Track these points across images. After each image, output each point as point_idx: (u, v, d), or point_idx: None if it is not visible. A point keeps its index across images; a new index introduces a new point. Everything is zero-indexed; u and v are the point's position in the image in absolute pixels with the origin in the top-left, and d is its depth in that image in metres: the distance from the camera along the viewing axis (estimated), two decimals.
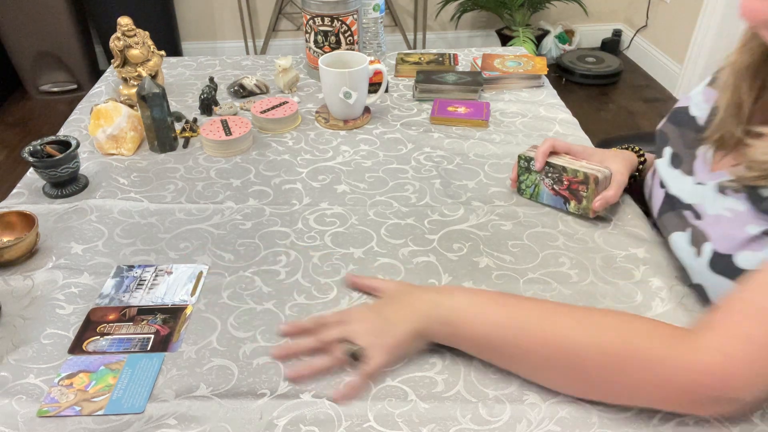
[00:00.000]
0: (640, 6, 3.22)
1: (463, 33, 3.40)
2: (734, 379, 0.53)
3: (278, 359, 0.67)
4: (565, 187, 0.84)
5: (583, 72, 3.06)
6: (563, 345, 0.58)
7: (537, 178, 0.86)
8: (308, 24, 1.24)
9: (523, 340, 0.60)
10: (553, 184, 0.85)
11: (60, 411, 0.62)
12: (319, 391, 0.64)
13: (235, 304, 0.75)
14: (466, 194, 0.94)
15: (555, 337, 0.59)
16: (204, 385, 0.64)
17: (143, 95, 1.00)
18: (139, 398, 0.63)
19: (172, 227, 0.88)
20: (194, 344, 0.69)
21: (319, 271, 0.80)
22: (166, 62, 1.40)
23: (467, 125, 1.13)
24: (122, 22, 1.13)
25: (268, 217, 0.90)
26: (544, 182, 0.85)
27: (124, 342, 0.70)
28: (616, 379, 0.57)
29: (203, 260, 0.82)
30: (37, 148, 0.94)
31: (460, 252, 0.83)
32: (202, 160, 1.04)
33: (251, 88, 1.24)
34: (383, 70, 1.15)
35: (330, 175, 0.99)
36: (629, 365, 0.56)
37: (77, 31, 2.84)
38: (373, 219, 0.89)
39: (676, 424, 0.60)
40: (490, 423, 0.60)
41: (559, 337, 0.59)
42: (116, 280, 0.78)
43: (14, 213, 0.84)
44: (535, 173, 0.86)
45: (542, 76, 1.28)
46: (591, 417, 0.61)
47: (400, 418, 0.61)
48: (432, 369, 0.66)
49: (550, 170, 0.84)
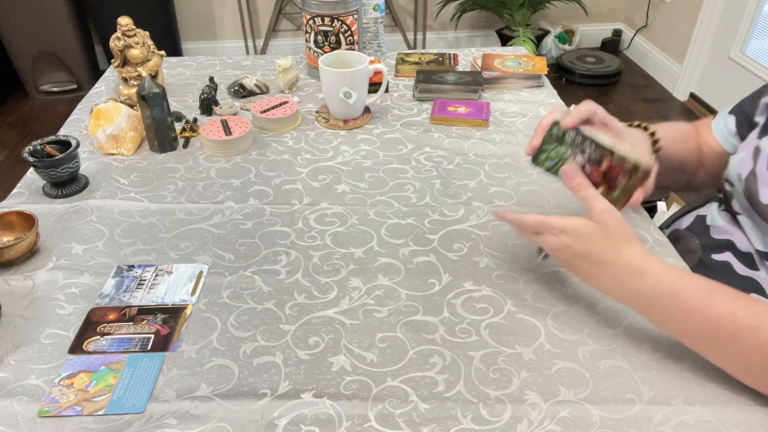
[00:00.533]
0: (640, 6, 3.22)
1: (463, 33, 3.40)
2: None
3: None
4: (603, 171, 0.69)
5: (583, 72, 3.06)
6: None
7: (568, 151, 0.70)
8: (308, 24, 1.24)
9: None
10: (586, 163, 0.69)
11: (61, 411, 0.62)
12: (320, 390, 0.64)
13: (235, 304, 0.75)
14: (467, 194, 0.94)
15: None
16: (205, 385, 0.64)
17: (143, 95, 1.00)
18: (140, 398, 0.63)
19: (173, 227, 0.88)
20: (194, 344, 0.69)
21: (319, 270, 0.80)
22: (166, 62, 1.40)
23: (467, 125, 1.13)
24: (122, 22, 1.13)
25: (268, 216, 0.90)
26: (576, 159, 0.69)
27: (125, 342, 0.70)
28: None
29: (203, 260, 0.82)
30: (37, 148, 0.94)
31: (461, 252, 0.83)
32: (203, 160, 1.04)
33: (251, 88, 1.24)
34: (383, 70, 1.15)
35: (330, 175, 1.00)
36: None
37: (77, 31, 2.84)
38: (374, 219, 0.89)
39: (677, 424, 0.60)
40: (491, 423, 0.60)
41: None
42: (116, 279, 0.78)
43: (14, 213, 0.84)
44: (567, 145, 0.69)
45: (542, 76, 1.28)
46: (591, 417, 0.61)
47: (401, 418, 0.61)
48: (433, 369, 0.66)
49: (589, 146, 0.68)
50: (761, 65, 2.38)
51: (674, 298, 0.61)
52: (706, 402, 0.62)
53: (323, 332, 0.71)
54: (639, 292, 0.63)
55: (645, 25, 3.20)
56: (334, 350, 0.69)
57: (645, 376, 0.65)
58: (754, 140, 0.77)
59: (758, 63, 2.40)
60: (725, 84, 2.60)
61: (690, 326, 0.61)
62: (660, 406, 0.62)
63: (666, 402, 0.62)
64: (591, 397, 0.63)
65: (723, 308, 0.59)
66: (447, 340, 0.70)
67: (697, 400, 0.62)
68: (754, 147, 0.76)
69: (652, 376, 0.65)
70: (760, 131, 0.78)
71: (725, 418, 0.60)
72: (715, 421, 0.60)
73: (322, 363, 0.67)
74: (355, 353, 0.68)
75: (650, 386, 0.64)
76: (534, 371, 0.66)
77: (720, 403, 0.62)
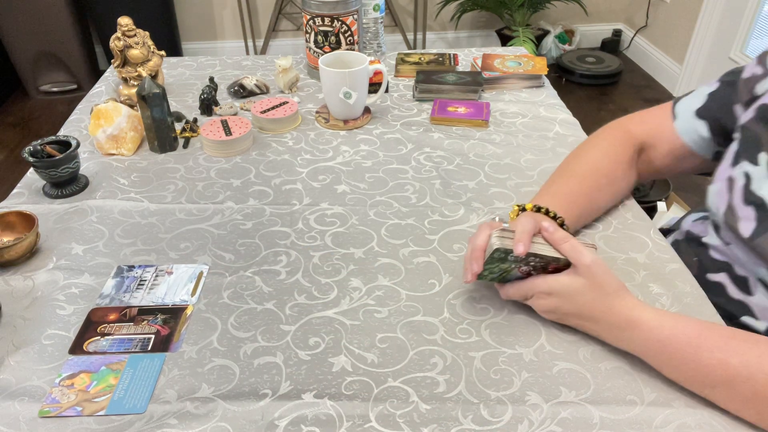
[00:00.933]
0: (640, 6, 3.22)
1: (463, 33, 3.40)
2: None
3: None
4: (547, 271, 0.70)
5: (583, 72, 3.06)
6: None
7: (512, 266, 0.68)
8: (308, 24, 1.24)
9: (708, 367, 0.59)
10: (532, 270, 0.69)
11: (61, 411, 0.62)
12: (320, 391, 0.64)
13: (235, 304, 0.75)
14: (467, 195, 0.94)
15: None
16: (206, 385, 0.64)
17: (143, 95, 1.00)
18: (141, 399, 0.63)
19: (173, 227, 0.88)
20: (195, 344, 0.69)
21: (319, 271, 0.80)
22: (166, 62, 1.40)
23: (467, 125, 1.13)
24: (122, 22, 1.13)
25: (268, 217, 0.90)
26: (521, 269, 0.69)
27: (125, 342, 0.70)
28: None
29: (204, 260, 0.82)
30: (37, 148, 0.94)
31: (461, 252, 0.83)
32: (203, 160, 1.04)
33: (251, 88, 1.24)
34: (383, 70, 1.15)
35: (330, 175, 0.99)
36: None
37: (77, 31, 2.84)
38: (374, 219, 0.89)
39: (678, 426, 0.60)
40: (492, 423, 0.60)
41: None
42: (117, 280, 0.78)
43: (14, 213, 0.84)
44: (510, 262, 0.67)
45: (542, 76, 1.28)
46: (592, 418, 0.61)
47: (402, 418, 0.61)
48: (433, 369, 0.66)
49: (533, 259, 0.67)
50: None
51: (665, 350, 0.62)
52: (708, 404, 0.62)
53: (324, 333, 0.71)
54: (631, 342, 0.64)
55: (645, 25, 3.20)
56: (335, 351, 0.68)
57: (647, 377, 0.65)
58: (727, 169, 0.74)
59: None
60: None
61: (683, 374, 0.61)
62: (661, 407, 0.62)
63: (667, 404, 0.62)
64: (592, 398, 0.63)
65: (713, 358, 0.59)
66: (447, 340, 0.69)
67: (698, 402, 0.62)
68: (727, 178, 0.74)
69: (654, 378, 0.65)
70: (733, 158, 0.74)
71: (726, 421, 0.60)
72: (717, 424, 0.60)
73: (323, 363, 0.67)
74: (356, 354, 0.68)
75: (652, 388, 0.64)
76: (535, 372, 0.66)
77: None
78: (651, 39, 3.17)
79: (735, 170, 0.73)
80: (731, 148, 0.76)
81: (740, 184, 0.71)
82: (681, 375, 0.62)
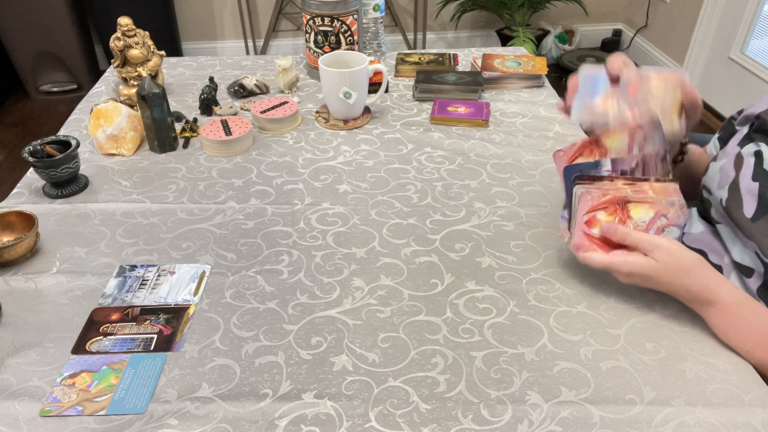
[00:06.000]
0: (640, 6, 3.22)
1: (463, 33, 3.40)
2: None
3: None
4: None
5: None
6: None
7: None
8: (308, 24, 1.24)
9: None
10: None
11: (62, 411, 0.62)
12: (321, 391, 0.64)
13: (237, 304, 0.75)
14: (468, 194, 0.94)
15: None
16: (206, 385, 0.65)
17: (143, 95, 1.00)
18: (141, 398, 0.63)
19: (175, 227, 0.88)
20: (197, 344, 0.69)
21: (321, 270, 0.80)
22: (166, 62, 1.39)
23: (467, 125, 1.13)
24: (122, 22, 1.13)
25: (270, 216, 0.90)
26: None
27: (128, 342, 0.70)
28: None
29: (206, 260, 0.82)
30: (37, 148, 0.94)
31: (463, 252, 0.83)
32: (204, 160, 1.04)
33: (251, 88, 1.24)
34: (383, 70, 1.15)
35: (331, 175, 0.99)
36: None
37: (77, 31, 2.84)
38: (375, 219, 0.89)
39: (678, 425, 0.60)
40: (492, 423, 0.60)
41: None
42: (119, 280, 0.78)
43: (14, 213, 0.84)
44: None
45: (542, 76, 1.28)
46: (592, 417, 0.61)
47: (402, 418, 0.61)
48: (434, 369, 0.66)
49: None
50: (761, 65, 2.38)
51: (737, 319, 0.67)
52: (708, 403, 0.62)
53: (326, 332, 0.71)
54: (709, 317, 0.70)
55: (645, 26, 3.20)
56: (337, 350, 0.69)
57: (646, 376, 0.65)
58: (734, 148, 0.76)
59: (758, 63, 2.40)
60: (725, 84, 2.60)
61: (752, 340, 0.66)
62: (661, 406, 0.62)
63: (667, 403, 0.62)
64: (592, 398, 0.63)
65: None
66: (450, 340, 0.70)
67: (698, 401, 0.62)
68: (735, 155, 0.75)
69: (654, 377, 0.65)
70: (741, 139, 0.76)
71: (726, 419, 0.60)
72: (716, 422, 0.60)
73: (324, 363, 0.67)
74: (357, 353, 0.68)
75: (652, 387, 0.64)
76: (536, 372, 0.66)
77: (721, 404, 0.62)
78: (651, 39, 3.17)
79: (744, 149, 0.75)
80: (740, 131, 0.79)
81: (750, 161, 0.73)
82: (746, 342, 0.67)
